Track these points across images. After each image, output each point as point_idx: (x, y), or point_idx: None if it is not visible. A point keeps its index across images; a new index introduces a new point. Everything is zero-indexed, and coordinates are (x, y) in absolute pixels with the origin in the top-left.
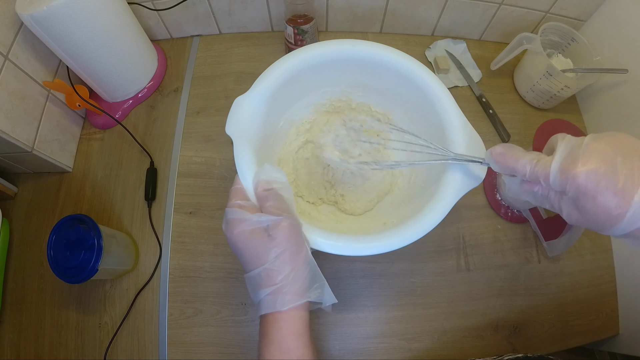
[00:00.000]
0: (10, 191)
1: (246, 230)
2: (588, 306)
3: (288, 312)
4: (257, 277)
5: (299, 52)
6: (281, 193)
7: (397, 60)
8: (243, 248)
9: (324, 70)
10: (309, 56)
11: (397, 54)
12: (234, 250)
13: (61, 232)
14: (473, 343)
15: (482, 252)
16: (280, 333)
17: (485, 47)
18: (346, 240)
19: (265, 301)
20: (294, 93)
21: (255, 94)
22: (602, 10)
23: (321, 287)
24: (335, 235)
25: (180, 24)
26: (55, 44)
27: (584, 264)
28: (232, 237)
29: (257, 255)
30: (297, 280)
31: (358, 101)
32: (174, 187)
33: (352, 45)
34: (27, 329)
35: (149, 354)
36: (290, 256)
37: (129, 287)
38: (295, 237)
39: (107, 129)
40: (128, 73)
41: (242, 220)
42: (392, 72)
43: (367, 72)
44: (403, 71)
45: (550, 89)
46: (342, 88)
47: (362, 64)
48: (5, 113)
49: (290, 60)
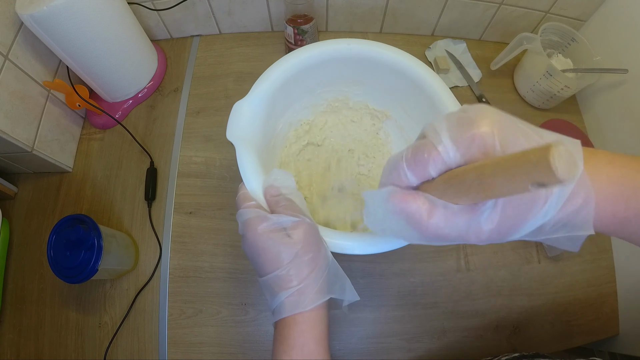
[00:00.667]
0: (10, 191)
1: (267, 229)
2: (588, 306)
3: (310, 314)
4: (276, 279)
5: (295, 54)
6: (291, 197)
7: (393, 57)
8: (263, 247)
9: (320, 71)
10: (305, 57)
11: (393, 51)
12: (251, 251)
13: (61, 232)
14: (473, 343)
15: (482, 252)
16: (302, 337)
17: (485, 47)
18: (356, 239)
19: (287, 303)
20: (292, 95)
21: (253, 98)
22: (602, 10)
23: (343, 284)
24: (340, 233)
25: (180, 24)
26: (55, 44)
27: (584, 264)
28: (254, 236)
29: (278, 255)
30: (318, 280)
31: (355, 100)
32: (174, 187)
33: (347, 44)
34: (27, 329)
35: (149, 354)
36: (311, 257)
37: (129, 287)
38: (314, 237)
39: (107, 129)
40: (128, 73)
41: (264, 219)
42: (389, 69)
43: (363, 70)
44: (399, 68)
45: (550, 89)
46: (339, 87)
47: (358, 62)
48: (5, 113)
49: (286, 63)
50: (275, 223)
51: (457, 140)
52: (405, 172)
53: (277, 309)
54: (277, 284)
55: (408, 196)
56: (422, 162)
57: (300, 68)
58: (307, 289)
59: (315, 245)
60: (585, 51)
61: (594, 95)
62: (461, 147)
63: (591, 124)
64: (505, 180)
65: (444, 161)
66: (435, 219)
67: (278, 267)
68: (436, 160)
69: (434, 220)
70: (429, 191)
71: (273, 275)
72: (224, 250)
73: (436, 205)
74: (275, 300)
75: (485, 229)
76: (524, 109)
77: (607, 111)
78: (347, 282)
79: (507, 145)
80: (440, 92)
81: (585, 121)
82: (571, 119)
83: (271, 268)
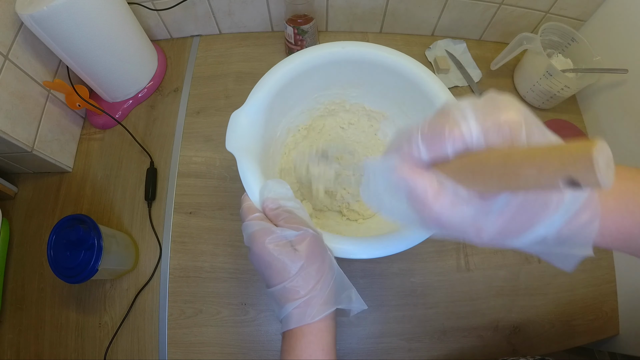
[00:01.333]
0: (10, 191)
1: (273, 242)
2: (588, 306)
3: (317, 324)
4: (283, 291)
5: (289, 60)
6: (290, 208)
7: (389, 58)
8: (270, 261)
9: (315, 76)
10: (299, 63)
11: (388, 52)
12: (258, 263)
13: (61, 232)
14: (473, 343)
15: (482, 252)
16: (310, 348)
17: (485, 47)
18: (361, 243)
19: (294, 315)
20: (289, 101)
21: (251, 107)
22: (602, 10)
23: (349, 294)
24: (346, 239)
25: (180, 24)
26: (55, 44)
27: (584, 264)
28: (260, 250)
29: (284, 268)
30: (324, 290)
31: (352, 102)
32: (174, 187)
33: (342, 47)
34: (27, 329)
35: (149, 354)
36: (316, 268)
37: (129, 287)
38: (319, 248)
39: (107, 129)
40: (128, 73)
41: (269, 232)
42: (384, 70)
43: (358, 72)
44: (395, 68)
45: (550, 89)
46: (335, 91)
47: (353, 64)
48: (5, 113)
49: (281, 69)
50: (280, 237)
51: (483, 122)
52: (419, 145)
53: (285, 320)
54: (284, 295)
55: (416, 171)
56: (441, 137)
57: (295, 74)
58: (314, 300)
59: (321, 255)
60: (585, 51)
61: (594, 95)
62: (487, 131)
63: (591, 124)
64: (535, 171)
65: (464, 140)
66: (440, 202)
67: (285, 279)
68: (456, 138)
69: (439, 203)
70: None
71: (280, 287)
72: (224, 250)
73: (445, 188)
74: (283, 312)
75: (490, 226)
76: None
77: (607, 111)
78: (353, 291)
79: (532, 138)
80: (437, 89)
81: (585, 121)
82: (571, 119)
83: (278, 280)
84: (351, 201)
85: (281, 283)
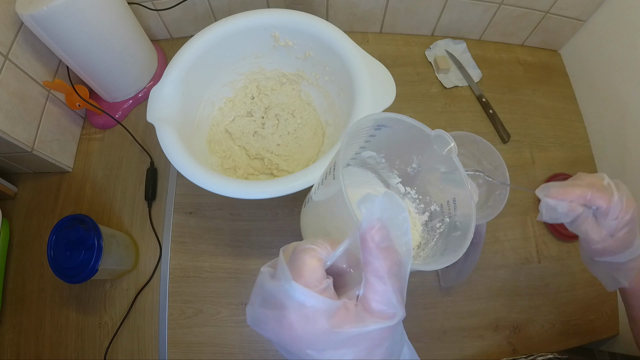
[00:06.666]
0: (10, 191)
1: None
2: (588, 306)
3: None
4: None
5: (199, 35)
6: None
7: (296, 20)
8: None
9: (226, 46)
10: (210, 37)
11: (295, 15)
12: (292, 345)
13: (61, 232)
14: (473, 343)
15: (482, 252)
16: None
17: (485, 47)
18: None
19: None
20: (206, 74)
21: (168, 81)
22: (602, 10)
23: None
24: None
25: (180, 24)
26: (55, 44)
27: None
28: (308, 336)
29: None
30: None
31: (270, 69)
32: (174, 187)
33: (245, 17)
34: (27, 329)
35: (149, 354)
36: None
37: (129, 287)
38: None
39: (107, 129)
40: (128, 73)
41: (344, 318)
42: (295, 33)
43: (270, 39)
44: (304, 29)
45: None
46: (251, 60)
47: (257, 32)
48: (5, 113)
49: (193, 44)
50: (361, 332)
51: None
52: (588, 197)
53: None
54: None
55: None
56: (596, 202)
57: (207, 47)
58: None
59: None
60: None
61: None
62: (621, 214)
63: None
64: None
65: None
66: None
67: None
68: (607, 208)
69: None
70: None
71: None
72: (224, 250)
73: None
74: None
75: (612, 239)
76: (524, 109)
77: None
78: (405, 346)
79: None
80: (338, 38)
81: (585, 121)
82: (571, 119)
83: None
84: (279, 162)
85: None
